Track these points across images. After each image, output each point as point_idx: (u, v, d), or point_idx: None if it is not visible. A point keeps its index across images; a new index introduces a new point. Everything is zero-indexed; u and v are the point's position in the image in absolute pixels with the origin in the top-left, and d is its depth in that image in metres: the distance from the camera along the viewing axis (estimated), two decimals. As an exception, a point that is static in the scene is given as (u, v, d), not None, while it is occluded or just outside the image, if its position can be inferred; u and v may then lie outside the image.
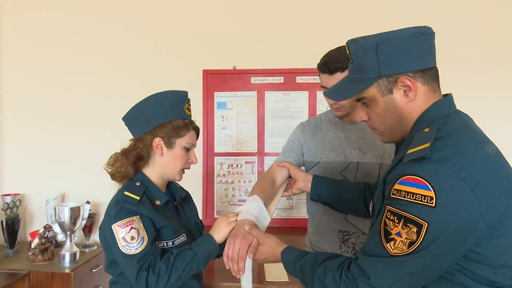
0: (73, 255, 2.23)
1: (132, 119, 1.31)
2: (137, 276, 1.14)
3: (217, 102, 2.61)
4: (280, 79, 2.58)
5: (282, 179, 1.49)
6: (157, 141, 1.27)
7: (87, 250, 2.43)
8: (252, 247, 1.17)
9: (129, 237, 1.16)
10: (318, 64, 1.47)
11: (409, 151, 0.86)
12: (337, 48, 1.46)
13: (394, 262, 0.85)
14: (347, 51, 1.02)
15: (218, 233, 1.26)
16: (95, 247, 2.48)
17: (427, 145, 0.84)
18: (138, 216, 1.21)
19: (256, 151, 2.60)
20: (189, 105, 1.33)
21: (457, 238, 0.82)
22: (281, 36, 2.56)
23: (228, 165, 2.60)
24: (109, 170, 1.32)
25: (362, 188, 1.40)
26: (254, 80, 2.59)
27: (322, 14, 2.55)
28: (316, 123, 1.61)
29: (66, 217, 2.24)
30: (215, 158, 2.60)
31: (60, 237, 2.44)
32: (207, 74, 2.60)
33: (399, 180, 0.86)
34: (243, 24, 2.58)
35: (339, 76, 1.41)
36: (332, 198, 1.42)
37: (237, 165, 2.60)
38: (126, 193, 1.24)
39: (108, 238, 1.22)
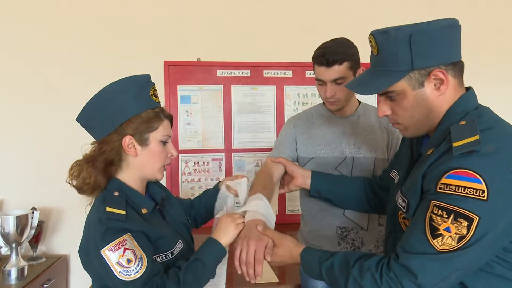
0: (21, 271, 1.94)
1: (89, 118, 1.08)
2: None
3: (180, 95, 2.45)
4: (247, 73, 2.49)
5: (278, 176, 1.43)
6: (128, 140, 1.07)
7: (34, 263, 2.13)
8: (268, 249, 1.09)
9: (125, 261, 0.97)
10: (314, 56, 1.42)
11: (455, 144, 0.84)
12: (333, 40, 1.42)
13: (442, 258, 0.83)
14: (372, 43, 0.98)
15: (225, 237, 1.14)
16: (44, 259, 2.19)
17: (476, 137, 0.82)
18: (129, 233, 1.02)
19: (223, 147, 2.48)
20: (155, 90, 1.14)
21: (503, 231, 0.83)
22: (248, 28, 2.47)
23: (194, 163, 2.46)
24: (74, 183, 1.09)
25: (363, 183, 1.38)
26: (220, 73, 2.47)
27: (290, 6, 2.50)
28: (307, 117, 1.56)
29: (11, 227, 1.94)
30: (180, 155, 2.44)
31: (4, 250, 2.11)
32: (169, 65, 2.42)
33: (447, 174, 0.83)
34: (208, 13, 2.44)
35: (337, 69, 1.37)
36: (333, 194, 1.38)
37: (203, 163, 2.47)
38: (108, 209, 1.02)
39: (95, 264, 1.02)
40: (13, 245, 1.95)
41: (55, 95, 2.32)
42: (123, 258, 0.97)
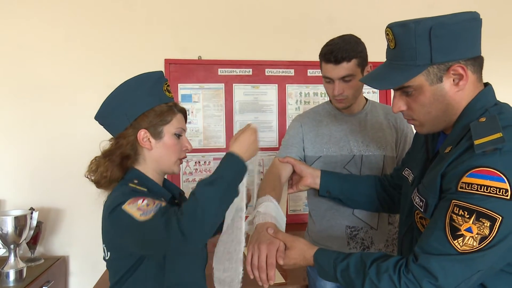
0: (19, 272, 1.89)
1: (106, 115, 1.13)
2: (167, 228, 0.91)
3: (181, 94, 2.41)
4: (248, 71, 2.46)
5: (287, 176, 1.40)
6: (142, 133, 1.10)
7: (33, 264, 2.08)
8: (280, 252, 1.06)
9: (145, 205, 0.98)
10: (321, 53, 1.40)
11: (477, 142, 0.82)
12: (340, 36, 1.40)
13: (463, 259, 0.81)
14: (390, 36, 0.95)
15: (247, 151, 1.05)
16: (42, 261, 2.14)
17: (499, 135, 0.80)
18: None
19: (225, 146, 2.45)
20: (168, 85, 1.18)
21: None
22: (249, 26, 2.45)
23: (195, 162, 2.43)
24: (93, 178, 1.12)
25: (373, 182, 1.36)
26: (221, 71, 2.44)
27: (291, 4, 2.48)
28: (314, 115, 1.54)
29: (9, 227, 1.89)
30: (181, 155, 2.41)
31: (1, 251, 2.07)
32: (169, 64, 2.38)
33: (468, 173, 0.81)
34: (209, 10, 2.41)
35: (345, 66, 1.35)
36: (343, 193, 1.36)
37: (204, 162, 2.44)
38: (131, 185, 1.06)
39: (122, 229, 1.00)
40: (12, 246, 1.90)
41: (54, 95, 2.26)
42: (143, 204, 0.98)
